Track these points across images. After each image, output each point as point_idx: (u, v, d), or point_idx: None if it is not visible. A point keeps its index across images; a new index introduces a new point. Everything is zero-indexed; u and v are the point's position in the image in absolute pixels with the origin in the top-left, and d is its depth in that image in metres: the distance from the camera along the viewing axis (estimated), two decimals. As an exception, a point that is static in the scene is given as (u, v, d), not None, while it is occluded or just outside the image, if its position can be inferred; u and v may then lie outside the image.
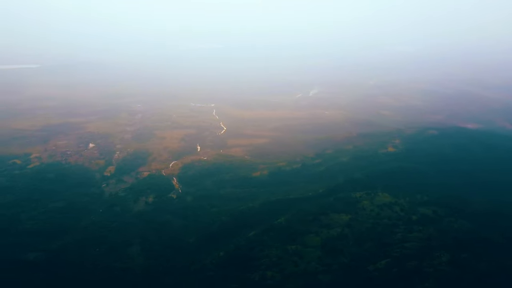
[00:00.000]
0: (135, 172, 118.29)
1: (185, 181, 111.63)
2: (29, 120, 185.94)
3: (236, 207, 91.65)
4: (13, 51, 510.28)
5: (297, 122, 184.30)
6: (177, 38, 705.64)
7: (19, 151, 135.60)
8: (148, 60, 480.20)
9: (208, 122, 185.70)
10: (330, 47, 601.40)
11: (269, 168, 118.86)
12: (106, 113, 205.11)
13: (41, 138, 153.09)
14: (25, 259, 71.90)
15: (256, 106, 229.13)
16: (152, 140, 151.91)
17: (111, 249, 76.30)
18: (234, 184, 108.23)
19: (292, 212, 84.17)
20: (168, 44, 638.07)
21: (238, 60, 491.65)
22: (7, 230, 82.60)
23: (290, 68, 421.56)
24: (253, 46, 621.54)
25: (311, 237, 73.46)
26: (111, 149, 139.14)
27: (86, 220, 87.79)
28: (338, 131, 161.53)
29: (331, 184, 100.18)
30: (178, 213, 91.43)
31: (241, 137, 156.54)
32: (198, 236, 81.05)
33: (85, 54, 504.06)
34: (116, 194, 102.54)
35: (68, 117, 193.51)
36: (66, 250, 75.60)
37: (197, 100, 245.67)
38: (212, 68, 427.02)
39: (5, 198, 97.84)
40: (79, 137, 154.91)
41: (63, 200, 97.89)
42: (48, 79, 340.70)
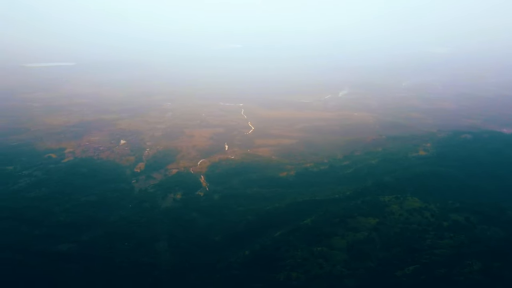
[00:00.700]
0: (164, 169, 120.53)
1: (212, 179, 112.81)
2: (65, 116, 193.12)
3: (263, 207, 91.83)
4: (50, 50, 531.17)
5: (326, 123, 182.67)
6: (201, 38, 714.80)
7: (54, 146, 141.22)
8: (176, 60, 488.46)
9: (236, 121, 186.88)
10: (358, 47, 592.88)
11: (296, 169, 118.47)
12: (137, 110, 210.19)
13: (75, 134, 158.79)
14: (58, 250, 74.58)
15: (284, 106, 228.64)
16: (181, 138, 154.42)
17: (139, 244, 78.03)
18: (260, 183, 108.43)
19: (319, 214, 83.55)
20: (194, 44, 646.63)
21: (263, 60, 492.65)
22: (42, 222, 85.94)
23: (318, 69, 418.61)
24: (278, 46, 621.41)
25: (337, 240, 72.67)
26: (141, 146, 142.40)
27: (116, 215, 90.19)
28: (367, 133, 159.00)
29: (359, 187, 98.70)
30: (205, 211, 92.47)
31: (268, 137, 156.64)
32: (224, 234, 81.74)
33: (116, 53, 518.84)
34: (145, 190, 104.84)
35: (101, 114, 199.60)
36: (96, 243, 77.90)
37: (226, 99, 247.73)
38: (239, 68, 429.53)
39: (41, 191, 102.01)
40: (111, 134, 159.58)
41: (95, 194, 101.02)
42: (82, 77, 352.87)
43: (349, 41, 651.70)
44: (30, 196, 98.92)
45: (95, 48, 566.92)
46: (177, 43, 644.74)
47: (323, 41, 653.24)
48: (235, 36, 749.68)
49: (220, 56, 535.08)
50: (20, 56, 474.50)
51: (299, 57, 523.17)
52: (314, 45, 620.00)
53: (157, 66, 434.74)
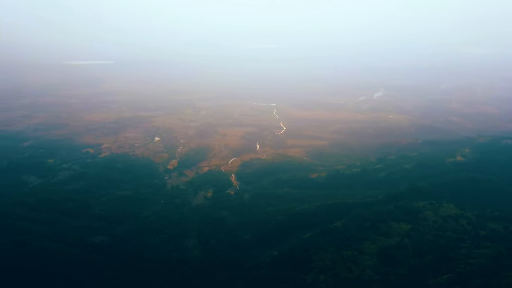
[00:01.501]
0: (196, 166, 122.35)
1: (243, 178, 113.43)
2: (103, 113, 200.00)
3: (293, 208, 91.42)
4: (89, 50, 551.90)
5: (359, 125, 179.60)
6: (233, 38, 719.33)
7: (92, 141, 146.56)
8: (209, 60, 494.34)
9: (268, 121, 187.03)
10: (391, 46, 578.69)
11: (327, 171, 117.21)
12: (172, 108, 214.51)
13: (112, 130, 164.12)
14: (93, 242, 77.15)
15: (317, 107, 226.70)
16: (213, 137, 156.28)
17: (170, 239, 79.55)
18: (291, 184, 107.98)
19: (349, 217, 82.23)
20: (226, 44, 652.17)
21: (296, 60, 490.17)
22: (78, 214, 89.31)
23: (351, 69, 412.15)
24: (309, 45, 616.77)
25: (368, 244, 71.27)
26: (175, 144, 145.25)
27: (148, 210, 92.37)
28: (402, 137, 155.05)
29: (391, 191, 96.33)
30: (235, 209, 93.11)
31: (300, 138, 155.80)
32: (253, 233, 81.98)
33: (150, 53, 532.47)
34: (177, 187, 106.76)
35: (137, 111, 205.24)
36: (128, 236, 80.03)
37: (259, 99, 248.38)
38: (273, 67, 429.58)
39: (78, 184, 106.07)
40: (146, 131, 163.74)
41: (129, 189, 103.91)
42: (120, 75, 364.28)
43: (380, 40, 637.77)
44: (68, 189, 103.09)
45: (131, 47, 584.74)
46: (209, 43, 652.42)
47: (352, 41, 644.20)
48: (269, 36, 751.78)
49: (254, 56, 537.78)
50: (61, 54, 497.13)
51: (330, 56, 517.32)
52: (343, 45, 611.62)
53: (190, 65, 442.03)
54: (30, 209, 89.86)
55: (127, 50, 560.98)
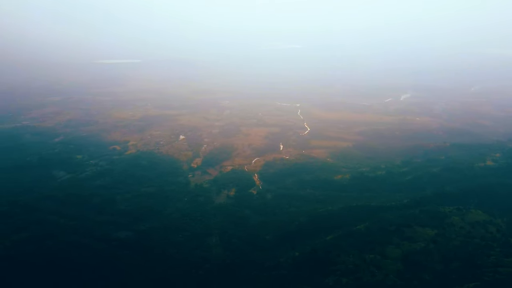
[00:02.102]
0: (219, 165, 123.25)
1: (266, 178, 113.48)
2: (130, 111, 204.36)
3: (315, 209, 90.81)
4: (118, 49, 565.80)
5: (385, 127, 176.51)
6: (255, 38, 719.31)
7: (119, 138, 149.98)
8: (234, 60, 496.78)
9: (293, 121, 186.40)
10: (416, 46, 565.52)
11: (351, 173, 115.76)
12: (197, 107, 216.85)
13: (138, 128, 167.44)
14: (117, 237, 78.87)
15: (342, 108, 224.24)
16: (237, 136, 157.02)
17: (192, 237, 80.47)
18: (314, 185, 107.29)
19: (373, 220, 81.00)
20: (249, 44, 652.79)
21: (321, 60, 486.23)
22: (104, 209, 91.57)
23: (377, 70, 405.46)
24: (334, 45, 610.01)
25: (392, 249, 70.04)
26: (199, 142, 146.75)
27: (172, 207, 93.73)
28: (430, 139, 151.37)
29: (417, 195, 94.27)
30: (257, 209, 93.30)
31: (324, 139, 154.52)
32: (275, 234, 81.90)
33: (177, 53, 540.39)
34: (201, 185, 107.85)
35: (163, 110, 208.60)
36: (152, 233, 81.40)
37: (283, 99, 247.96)
38: (297, 67, 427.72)
39: (105, 180, 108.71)
40: (172, 129, 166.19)
41: (153, 186, 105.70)
42: (147, 74, 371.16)
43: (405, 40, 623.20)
44: (95, 184, 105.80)
45: (156, 47, 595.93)
46: (232, 43, 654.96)
47: (374, 40, 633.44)
48: (292, 36, 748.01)
49: (278, 56, 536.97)
50: (91, 53, 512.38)
51: (353, 56, 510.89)
52: (366, 44, 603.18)
53: (215, 65, 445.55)
54: (59, 203, 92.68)
55: (153, 49, 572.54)
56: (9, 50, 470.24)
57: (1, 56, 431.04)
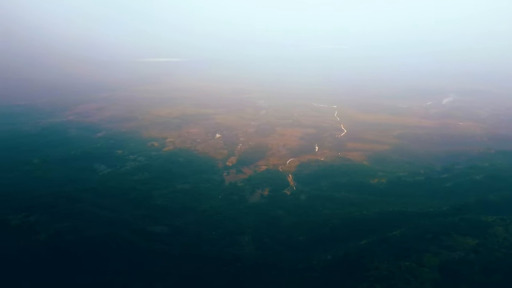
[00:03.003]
0: (254, 165, 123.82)
1: (300, 179, 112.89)
2: (169, 108, 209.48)
3: (349, 212, 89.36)
4: (159, 49, 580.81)
5: (425, 131, 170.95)
6: (291, 38, 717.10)
7: (157, 135, 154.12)
8: (270, 60, 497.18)
9: (329, 123, 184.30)
10: (460, 47, 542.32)
11: (388, 177, 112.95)
12: (233, 106, 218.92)
13: (176, 125, 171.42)
14: (153, 231, 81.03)
15: (380, 110, 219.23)
16: (272, 136, 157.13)
17: (225, 235, 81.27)
18: (349, 188, 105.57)
19: (409, 227, 78.71)
20: (285, 44, 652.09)
21: (359, 61, 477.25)
22: (142, 203, 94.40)
23: (418, 71, 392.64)
24: (371, 45, 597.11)
25: (428, 257, 67.77)
26: (234, 141, 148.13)
27: (206, 204, 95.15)
28: (473, 146, 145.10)
29: (457, 203, 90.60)
30: (291, 210, 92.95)
31: (361, 141, 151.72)
32: (307, 235, 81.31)
33: (215, 52, 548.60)
34: (235, 183, 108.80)
35: (200, 108, 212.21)
36: (187, 228, 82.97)
37: (320, 100, 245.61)
38: (334, 68, 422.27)
39: (143, 175, 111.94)
40: (208, 127, 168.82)
41: (189, 183, 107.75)
42: (186, 73, 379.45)
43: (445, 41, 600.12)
44: (133, 179, 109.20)
45: (195, 47, 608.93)
46: (267, 44, 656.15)
47: (415, 39, 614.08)
48: (329, 36, 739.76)
49: (315, 56, 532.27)
50: (134, 52, 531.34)
51: (394, 57, 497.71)
52: (405, 44, 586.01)
53: (252, 65, 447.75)
54: (100, 195, 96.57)
55: (192, 49, 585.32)
56: (58, 49, 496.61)
57: (51, 55, 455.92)
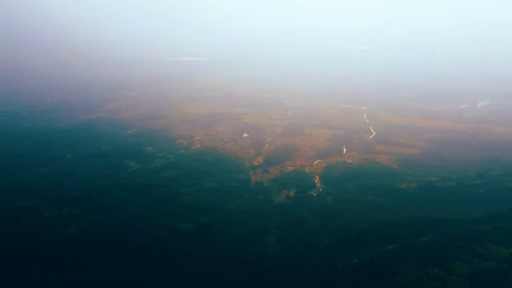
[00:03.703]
0: (280, 165, 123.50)
1: (327, 181, 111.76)
2: (198, 107, 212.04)
3: (377, 216, 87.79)
4: (189, 47, 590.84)
5: (458, 135, 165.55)
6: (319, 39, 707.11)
7: (186, 133, 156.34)
8: (299, 60, 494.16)
9: (358, 125, 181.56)
10: (494, 49, 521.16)
11: (418, 181, 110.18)
12: (261, 106, 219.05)
13: (204, 124, 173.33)
14: (179, 227, 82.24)
15: (411, 113, 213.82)
16: (300, 137, 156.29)
17: (250, 234, 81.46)
18: (377, 192, 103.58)
19: (439, 233, 76.64)
20: (313, 45, 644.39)
21: (389, 63, 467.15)
22: (169, 200, 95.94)
23: (452, 74, 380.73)
24: (406, 47, 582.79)
25: (459, 265, 65.75)
26: (261, 141, 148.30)
27: (232, 203, 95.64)
28: (509, 152, 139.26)
29: (491, 211, 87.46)
30: (316, 211, 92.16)
31: (390, 144, 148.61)
32: (333, 238, 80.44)
33: (244, 52, 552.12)
34: (261, 183, 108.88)
35: (229, 107, 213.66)
36: (212, 226, 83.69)
37: (349, 101, 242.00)
38: (364, 70, 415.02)
39: (171, 173, 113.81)
40: (236, 126, 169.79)
41: (215, 181, 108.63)
42: (215, 72, 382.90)
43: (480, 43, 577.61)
44: (162, 176, 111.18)
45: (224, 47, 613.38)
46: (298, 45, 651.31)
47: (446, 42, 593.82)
48: (357, 37, 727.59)
49: (345, 57, 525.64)
50: (165, 51, 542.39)
51: (423, 58, 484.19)
52: (437, 46, 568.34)
53: (280, 65, 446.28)
54: (129, 191, 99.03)
55: (221, 48, 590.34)
56: (89, 49, 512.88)
57: (82, 54, 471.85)
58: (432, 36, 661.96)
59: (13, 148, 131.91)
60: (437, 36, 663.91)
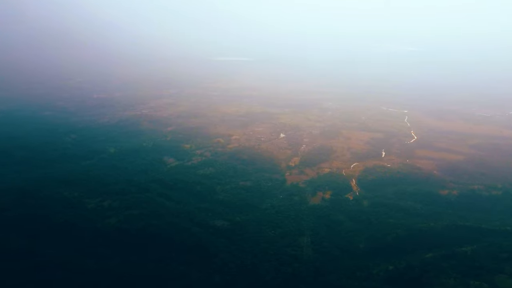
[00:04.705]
0: (316, 166, 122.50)
1: (364, 185, 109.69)
2: (236, 106, 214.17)
3: (415, 223, 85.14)
4: (233, 49, 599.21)
5: (506, 142, 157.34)
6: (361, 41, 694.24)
7: (224, 132, 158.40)
8: (340, 62, 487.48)
9: (398, 128, 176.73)
10: None
11: (460, 189, 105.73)
12: (299, 107, 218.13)
13: (242, 123, 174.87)
14: (214, 225, 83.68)
15: (456, 117, 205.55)
16: (337, 139, 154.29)
17: (284, 234, 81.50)
18: (416, 198, 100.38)
19: (482, 244, 73.38)
20: (354, 47, 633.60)
21: (434, 65, 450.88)
22: (205, 197, 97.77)
23: (502, 78, 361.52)
24: (452, 49, 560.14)
25: (502, 278, 62.71)
26: (298, 142, 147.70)
27: (267, 203, 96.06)
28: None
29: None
30: (352, 215, 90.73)
31: (432, 149, 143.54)
32: (369, 243, 79.01)
33: (285, 52, 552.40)
34: (297, 184, 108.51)
35: (266, 107, 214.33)
36: (246, 225, 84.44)
37: (389, 104, 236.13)
38: (406, 72, 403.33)
39: (208, 170, 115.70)
40: (273, 126, 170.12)
41: (251, 180, 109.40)
42: (256, 71, 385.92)
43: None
44: (199, 173, 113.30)
45: (267, 46, 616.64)
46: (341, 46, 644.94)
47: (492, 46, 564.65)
48: (404, 38, 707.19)
49: (389, 58, 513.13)
50: (208, 51, 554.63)
51: (473, 62, 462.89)
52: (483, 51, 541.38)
53: (322, 66, 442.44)
54: (166, 187, 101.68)
55: (264, 48, 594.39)
56: (137, 47, 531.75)
57: (127, 52, 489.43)
58: (485, 39, 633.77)
59: (60, 141, 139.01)
60: (489, 39, 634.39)
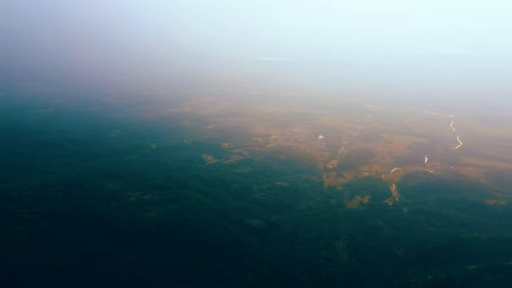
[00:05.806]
0: (355, 170, 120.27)
1: (404, 190, 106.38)
2: (276, 106, 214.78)
3: (458, 233, 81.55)
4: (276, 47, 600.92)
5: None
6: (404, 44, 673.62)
7: (262, 131, 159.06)
8: (384, 63, 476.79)
9: (443, 133, 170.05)
10: None
11: (509, 199, 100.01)
12: (339, 108, 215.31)
13: (281, 123, 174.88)
14: (249, 223, 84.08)
15: (506, 123, 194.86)
16: (377, 142, 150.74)
17: (319, 237, 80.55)
18: (460, 207, 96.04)
19: (531, 259, 69.26)
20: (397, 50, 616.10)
21: (484, 68, 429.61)
22: (241, 196, 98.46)
23: None
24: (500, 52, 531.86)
25: (553, 297, 58.93)
26: (337, 144, 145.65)
27: (303, 204, 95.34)
28: None
29: None
30: (391, 221, 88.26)
31: (479, 157, 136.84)
32: (408, 251, 76.50)
33: (328, 53, 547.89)
34: (334, 187, 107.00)
35: (306, 108, 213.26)
36: (282, 225, 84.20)
37: (434, 108, 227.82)
38: (453, 75, 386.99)
39: (245, 169, 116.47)
40: (312, 128, 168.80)
41: (288, 181, 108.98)
42: (298, 72, 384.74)
43: None
44: (236, 171, 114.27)
45: (310, 48, 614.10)
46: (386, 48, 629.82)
47: None
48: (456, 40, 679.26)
49: (436, 61, 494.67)
50: (251, 50, 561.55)
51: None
52: None
53: (364, 68, 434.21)
54: (204, 184, 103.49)
55: (307, 49, 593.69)
56: (179, 47, 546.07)
57: (173, 52, 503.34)
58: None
59: (106, 136, 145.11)
60: None
